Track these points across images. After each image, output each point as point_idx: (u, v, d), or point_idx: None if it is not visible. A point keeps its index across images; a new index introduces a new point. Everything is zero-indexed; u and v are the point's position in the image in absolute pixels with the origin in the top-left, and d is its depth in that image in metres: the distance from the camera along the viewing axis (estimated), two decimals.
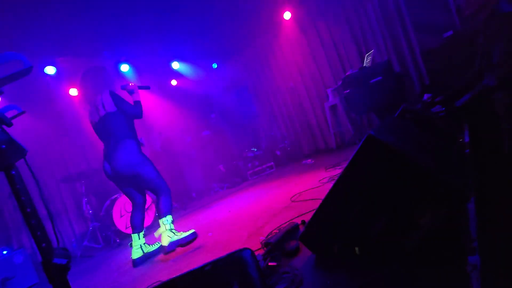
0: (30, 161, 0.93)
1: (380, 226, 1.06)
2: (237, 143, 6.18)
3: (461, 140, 1.45)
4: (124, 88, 2.45)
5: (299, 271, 1.22)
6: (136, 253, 2.38)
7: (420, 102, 1.88)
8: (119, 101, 2.33)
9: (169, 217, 2.31)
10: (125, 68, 4.80)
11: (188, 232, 2.24)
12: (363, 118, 4.62)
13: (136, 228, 2.46)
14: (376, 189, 1.04)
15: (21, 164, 0.92)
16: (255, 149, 5.59)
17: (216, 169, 5.53)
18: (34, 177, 0.90)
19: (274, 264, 1.33)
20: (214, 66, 6.18)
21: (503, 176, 1.25)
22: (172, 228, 2.30)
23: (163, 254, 2.35)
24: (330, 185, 1.13)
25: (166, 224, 2.28)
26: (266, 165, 5.11)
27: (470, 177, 1.11)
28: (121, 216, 3.85)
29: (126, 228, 3.84)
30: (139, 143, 2.40)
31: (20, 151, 0.83)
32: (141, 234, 2.47)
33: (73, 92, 4.62)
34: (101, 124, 2.34)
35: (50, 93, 4.36)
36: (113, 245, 3.81)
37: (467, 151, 1.32)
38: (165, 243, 2.24)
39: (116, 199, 3.96)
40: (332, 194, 1.14)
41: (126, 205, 3.95)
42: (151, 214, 4.18)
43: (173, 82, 6.01)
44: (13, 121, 0.92)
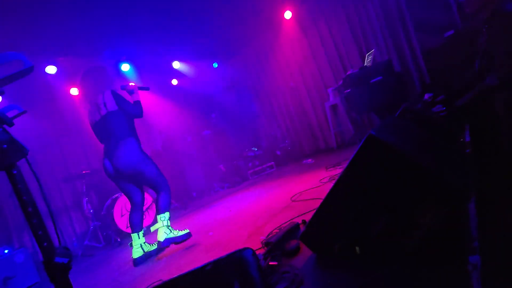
0: (31, 160, 0.93)
1: (380, 226, 1.06)
2: (238, 142, 6.18)
3: (462, 140, 1.45)
4: (124, 88, 2.49)
5: (299, 271, 1.22)
6: (136, 252, 2.38)
7: (421, 101, 1.88)
8: (121, 100, 2.37)
9: (166, 214, 2.38)
10: (125, 67, 4.80)
11: (183, 232, 2.33)
12: (364, 118, 4.62)
13: (135, 227, 2.47)
14: (376, 188, 1.04)
15: (22, 164, 0.93)
16: (256, 149, 5.59)
17: (216, 168, 5.54)
18: (36, 176, 0.90)
19: (274, 263, 1.33)
20: (215, 65, 6.18)
21: (503, 176, 1.25)
22: (168, 224, 2.36)
23: (158, 248, 2.41)
24: (331, 184, 1.13)
25: (163, 221, 2.35)
26: (266, 164, 5.11)
27: (471, 177, 1.11)
28: (122, 216, 3.85)
29: (127, 227, 3.85)
30: (139, 142, 2.44)
31: (22, 151, 0.83)
32: (140, 233, 2.47)
33: (73, 91, 4.62)
34: (102, 123, 2.37)
35: (51, 92, 4.36)
36: (114, 244, 3.82)
37: (467, 151, 1.32)
38: (161, 238, 2.30)
39: (117, 198, 3.96)
40: (332, 194, 1.14)
41: (127, 204, 3.95)
42: (152, 214, 4.18)
43: (174, 82, 6.01)
44: (14, 120, 0.93)
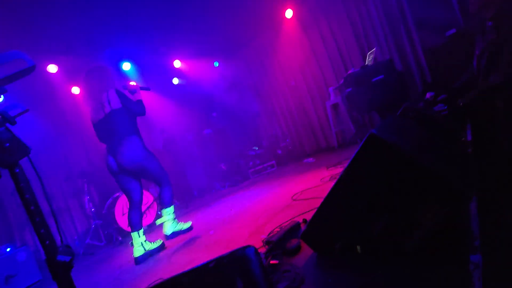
0: (33, 159, 0.93)
1: (381, 225, 1.06)
2: (239, 141, 6.18)
3: (463, 139, 1.44)
4: (126, 88, 2.54)
5: (300, 270, 1.22)
6: (137, 251, 2.39)
7: (422, 101, 1.88)
8: (125, 99, 2.43)
9: (171, 208, 2.51)
10: (126, 66, 4.80)
11: (187, 224, 2.54)
12: (365, 117, 4.61)
13: (135, 226, 2.49)
14: (377, 188, 1.04)
15: (24, 162, 0.93)
16: (257, 148, 5.59)
17: (217, 167, 5.54)
18: (38, 174, 0.91)
19: (275, 262, 1.33)
20: (216, 64, 6.18)
21: (505, 175, 1.24)
22: (174, 217, 2.51)
23: (164, 240, 2.54)
24: (332, 184, 1.13)
25: (169, 214, 2.48)
26: (267, 163, 5.11)
27: (472, 176, 1.11)
28: (123, 214, 3.87)
29: (128, 226, 3.86)
30: (142, 139, 2.51)
31: (24, 149, 0.84)
32: (140, 232, 2.49)
33: (75, 90, 4.63)
34: (106, 121, 2.42)
35: (52, 91, 4.37)
36: (115, 243, 3.84)
37: (469, 150, 1.32)
38: (168, 232, 2.45)
39: (118, 197, 3.97)
40: (333, 193, 1.14)
41: (128, 203, 3.96)
42: (153, 213, 4.19)
43: (175, 81, 6.01)
44: (16, 119, 0.93)
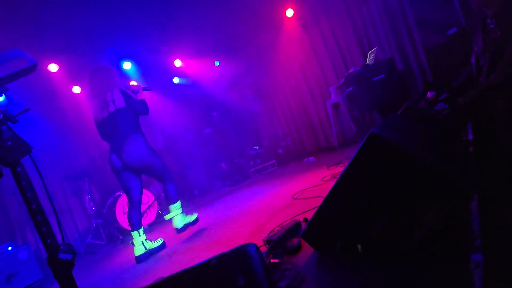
0: (34, 158, 0.93)
1: (382, 224, 1.06)
2: (239, 141, 6.18)
3: (464, 138, 1.44)
4: (128, 88, 2.60)
5: (301, 268, 1.23)
6: (138, 250, 2.40)
7: (424, 100, 1.87)
8: (129, 98, 2.49)
9: (178, 203, 2.61)
10: (127, 65, 4.80)
11: (194, 216, 2.70)
12: (366, 116, 4.60)
13: (135, 225, 2.50)
14: (378, 187, 1.04)
15: (25, 161, 0.93)
16: (257, 147, 5.58)
17: (218, 166, 5.54)
18: (39, 173, 0.91)
19: (276, 261, 1.33)
20: (216, 64, 6.17)
21: (506, 174, 1.24)
22: (182, 211, 2.63)
23: (176, 233, 2.67)
24: (332, 183, 1.13)
25: (177, 209, 2.59)
26: (268, 163, 5.10)
27: (474, 175, 1.11)
28: (124, 213, 3.87)
29: (129, 225, 3.87)
30: (145, 137, 2.57)
31: (26, 148, 0.84)
32: (141, 231, 2.51)
33: (76, 89, 4.64)
34: (110, 119, 2.46)
35: (53, 90, 4.38)
36: (116, 242, 3.84)
37: (470, 149, 1.31)
38: (179, 225, 2.56)
39: (119, 196, 3.98)
40: (334, 192, 1.14)
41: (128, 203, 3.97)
42: (154, 212, 4.20)
43: (175, 80, 6.01)
44: (17, 118, 0.93)
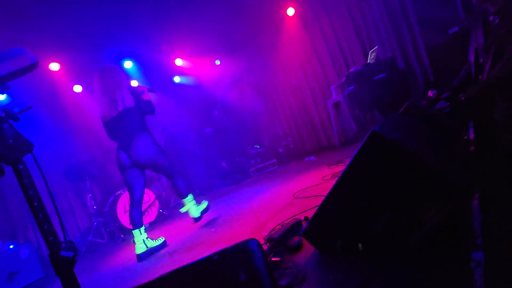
0: (36, 156, 0.93)
1: (383, 223, 1.06)
2: (240, 140, 6.17)
3: (466, 137, 1.44)
4: (135, 89, 2.66)
5: (302, 267, 1.23)
6: (140, 248, 2.41)
7: (425, 98, 1.87)
8: (137, 98, 2.58)
9: (190, 195, 2.77)
10: (128, 64, 4.80)
11: (205, 204, 2.84)
12: (367, 115, 4.60)
13: (136, 224, 2.53)
14: (379, 185, 1.04)
15: (26, 159, 0.93)
16: (258, 146, 5.58)
17: (218, 166, 5.54)
18: (41, 171, 0.91)
19: (277, 259, 1.34)
20: (217, 63, 6.17)
21: (507, 173, 1.24)
22: (195, 202, 2.79)
23: (194, 222, 2.83)
24: (333, 182, 1.13)
25: (190, 201, 2.75)
26: (268, 162, 5.10)
27: (475, 174, 1.11)
28: (125, 212, 3.88)
29: (130, 223, 3.88)
30: (152, 136, 2.67)
31: (27, 146, 0.84)
32: (142, 229, 2.53)
33: (77, 88, 4.65)
34: (119, 118, 2.52)
35: (54, 89, 4.39)
36: (117, 241, 3.85)
37: (471, 148, 1.31)
38: (196, 214, 2.73)
39: (120, 195, 3.99)
40: (335, 191, 1.14)
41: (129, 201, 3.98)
42: (155, 210, 4.21)
43: (176, 79, 6.01)
44: (19, 116, 0.93)
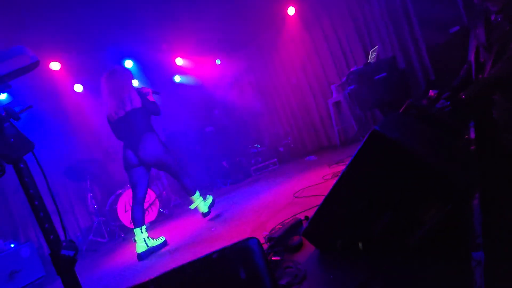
0: (36, 155, 0.94)
1: (384, 222, 1.06)
2: (240, 139, 6.18)
3: (466, 137, 1.43)
4: (141, 91, 2.72)
5: (302, 266, 1.23)
6: (140, 247, 2.41)
7: (426, 98, 1.86)
8: (144, 99, 2.65)
9: (197, 193, 2.85)
10: (129, 64, 4.81)
11: (210, 198, 2.93)
12: (367, 115, 4.59)
13: (137, 222, 2.53)
14: (380, 184, 1.04)
15: (27, 158, 0.94)
16: (258, 146, 5.58)
17: (219, 165, 5.54)
18: (41, 169, 0.91)
19: (277, 258, 1.34)
20: (218, 62, 6.17)
21: (507, 173, 1.24)
22: (203, 199, 2.88)
23: (203, 217, 2.87)
24: (334, 181, 1.13)
25: (198, 198, 2.83)
26: (269, 161, 5.10)
27: (475, 173, 1.10)
28: (126, 211, 3.89)
29: (131, 222, 3.88)
30: (159, 136, 2.74)
31: (28, 145, 0.84)
32: (143, 228, 2.53)
33: (77, 88, 4.65)
34: (126, 119, 2.58)
35: (55, 88, 4.39)
36: (118, 240, 3.86)
37: (472, 147, 1.31)
38: (205, 210, 2.82)
39: (120, 194, 3.99)
40: (335, 190, 1.14)
41: (131, 200, 3.98)
42: (155, 210, 4.21)
43: (177, 78, 6.01)
44: (20, 115, 0.93)
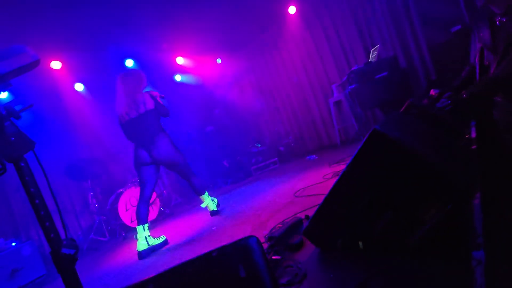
0: (37, 154, 0.94)
1: (384, 222, 1.06)
2: (241, 138, 6.18)
3: (467, 136, 1.43)
4: (152, 94, 2.81)
5: (302, 265, 1.23)
6: (141, 245, 2.42)
7: (427, 97, 1.86)
8: (156, 102, 2.76)
9: (206, 192, 2.97)
10: (129, 63, 4.81)
11: (215, 201, 3.04)
12: (368, 114, 4.58)
13: (141, 220, 2.56)
14: (380, 184, 1.04)
15: (28, 157, 0.94)
16: (259, 145, 5.58)
17: (220, 164, 5.55)
18: (42, 168, 0.92)
19: (277, 257, 1.34)
20: (218, 61, 6.17)
21: (508, 173, 1.23)
22: (211, 198, 3.02)
23: (211, 216, 2.92)
24: (334, 181, 1.13)
25: (208, 197, 2.97)
26: (270, 160, 5.10)
27: (476, 172, 1.10)
28: (127, 210, 3.90)
29: (132, 221, 3.89)
30: (170, 137, 2.84)
31: (29, 143, 0.84)
32: (145, 226, 2.55)
33: (78, 87, 4.66)
34: (139, 120, 2.68)
35: (56, 87, 4.40)
36: (118, 239, 3.87)
37: (473, 147, 1.31)
38: (214, 208, 2.94)
39: (121, 193, 4.00)
40: (336, 189, 1.14)
41: (132, 199, 3.99)
42: (156, 209, 4.22)
43: (177, 78, 6.01)
44: (21, 114, 0.93)
